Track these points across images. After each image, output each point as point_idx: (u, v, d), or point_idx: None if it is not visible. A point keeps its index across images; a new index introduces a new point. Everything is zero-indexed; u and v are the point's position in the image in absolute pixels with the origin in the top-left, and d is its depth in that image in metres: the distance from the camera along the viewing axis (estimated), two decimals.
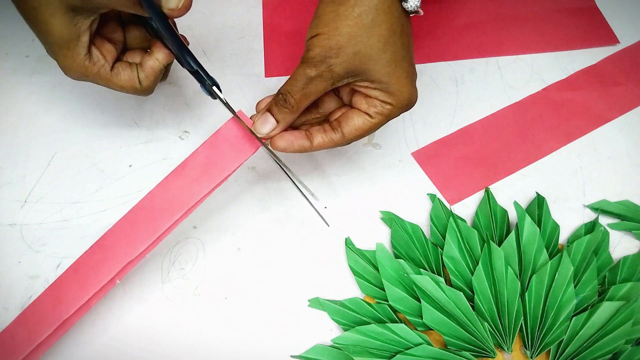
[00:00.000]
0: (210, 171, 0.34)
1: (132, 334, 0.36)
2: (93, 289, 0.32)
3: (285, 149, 0.34)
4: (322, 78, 0.31)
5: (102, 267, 0.32)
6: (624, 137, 0.45)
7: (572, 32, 0.51)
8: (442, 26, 0.51)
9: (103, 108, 0.45)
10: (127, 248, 0.33)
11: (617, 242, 0.40)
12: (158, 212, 0.33)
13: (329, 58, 0.30)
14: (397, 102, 0.33)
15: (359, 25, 0.30)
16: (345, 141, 0.34)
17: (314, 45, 0.31)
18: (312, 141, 0.34)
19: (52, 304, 0.32)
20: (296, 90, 0.32)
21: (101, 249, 0.33)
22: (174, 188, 0.34)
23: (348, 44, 0.30)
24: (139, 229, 0.33)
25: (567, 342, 0.35)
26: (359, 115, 0.33)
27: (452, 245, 0.38)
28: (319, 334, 0.36)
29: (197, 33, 0.49)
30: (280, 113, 0.33)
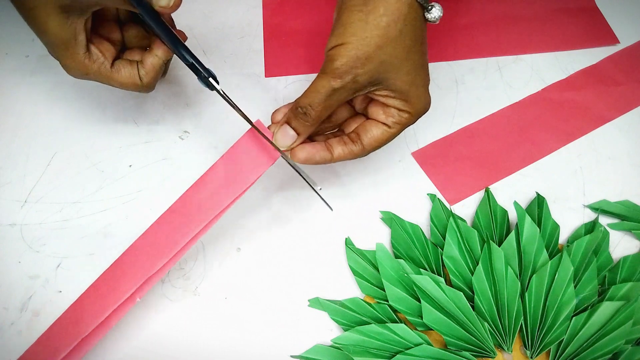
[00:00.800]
0: (229, 184, 0.33)
1: (132, 334, 0.36)
2: (112, 306, 0.32)
3: (306, 161, 0.33)
4: (346, 89, 0.31)
5: (121, 285, 0.32)
6: (624, 137, 0.45)
7: (572, 32, 0.51)
8: (442, 26, 0.51)
9: (103, 108, 0.45)
10: (146, 264, 0.32)
11: (617, 242, 0.40)
12: (177, 227, 0.33)
13: (355, 69, 0.30)
14: (415, 110, 0.33)
15: (387, 35, 0.30)
16: (365, 152, 0.34)
17: (339, 55, 0.30)
18: (333, 153, 0.34)
19: (73, 323, 0.32)
20: (318, 102, 0.31)
21: (121, 267, 0.33)
22: (194, 202, 0.34)
23: (375, 54, 0.30)
24: (158, 245, 0.33)
25: (567, 342, 0.35)
26: (377, 127, 0.33)
27: (452, 245, 0.38)
28: (319, 334, 0.36)
29: (197, 33, 0.49)
30: (300, 126, 0.32)
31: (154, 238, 0.33)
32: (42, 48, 0.48)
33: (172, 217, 0.34)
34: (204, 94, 0.46)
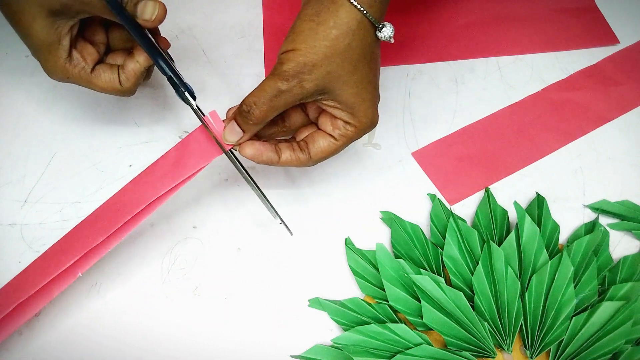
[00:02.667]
0: (177, 170, 0.35)
1: (132, 334, 0.36)
2: (51, 275, 0.33)
3: (253, 158, 0.34)
4: (291, 93, 0.31)
5: (63, 256, 0.33)
6: (624, 137, 0.45)
7: (572, 32, 0.51)
8: (442, 26, 0.51)
9: (103, 108, 0.45)
10: (88, 239, 0.33)
11: (617, 242, 0.40)
12: (124, 207, 0.34)
13: (302, 74, 0.31)
14: (360, 125, 0.34)
15: (335, 47, 0.31)
16: (311, 162, 0.35)
17: (288, 59, 0.31)
18: (280, 156, 0.34)
19: (14, 288, 0.33)
20: (263, 102, 0.32)
21: (67, 241, 0.34)
22: (143, 183, 0.35)
23: (322, 63, 0.31)
24: (102, 222, 0.34)
25: (567, 342, 0.35)
26: (324, 138, 0.34)
27: (452, 245, 0.38)
28: (319, 334, 0.36)
29: (197, 33, 0.49)
30: (244, 124, 0.33)
31: (100, 215, 0.35)
32: None
33: (121, 197, 0.35)
34: (204, 94, 0.46)
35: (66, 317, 0.36)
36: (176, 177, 0.35)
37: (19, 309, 0.33)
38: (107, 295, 0.37)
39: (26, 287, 0.33)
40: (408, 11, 0.51)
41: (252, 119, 0.32)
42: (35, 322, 0.36)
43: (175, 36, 0.49)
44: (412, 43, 0.49)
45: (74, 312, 0.36)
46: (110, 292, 0.37)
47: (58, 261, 0.33)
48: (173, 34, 0.49)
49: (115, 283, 0.38)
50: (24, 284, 0.33)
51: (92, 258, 0.34)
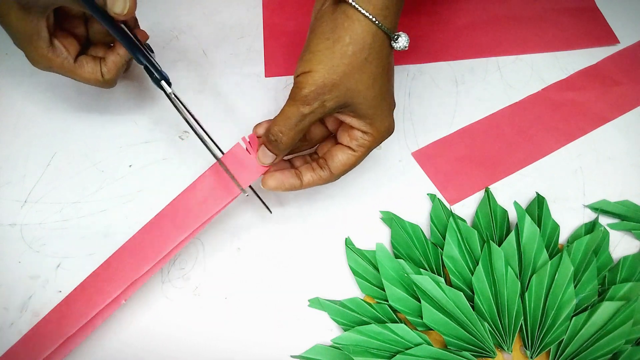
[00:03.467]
0: (218, 192, 0.35)
1: (132, 334, 0.36)
2: (97, 307, 0.33)
3: (277, 188, 0.35)
4: (314, 114, 0.32)
5: (107, 287, 0.33)
6: (624, 137, 0.45)
7: (572, 32, 0.50)
8: (442, 26, 0.51)
9: (103, 108, 0.45)
10: (132, 268, 0.34)
11: (617, 242, 0.40)
12: (165, 233, 0.34)
13: (322, 95, 0.31)
14: (378, 133, 0.34)
15: (353, 64, 0.31)
16: (333, 177, 0.35)
17: (307, 83, 0.31)
18: (302, 180, 0.35)
19: (58, 321, 0.33)
20: (289, 128, 0.32)
21: (107, 270, 0.34)
22: (182, 209, 0.35)
23: (342, 81, 0.31)
24: (144, 248, 0.34)
25: (567, 342, 0.35)
26: (342, 151, 0.34)
27: (452, 245, 0.38)
28: (319, 334, 0.36)
29: (197, 33, 0.49)
30: (275, 149, 0.34)
31: (142, 241, 0.34)
32: None
33: (161, 221, 0.35)
34: (204, 95, 0.46)
35: None
36: (217, 203, 0.35)
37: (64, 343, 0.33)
38: None
39: (72, 318, 0.33)
40: (408, 12, 0.51)
41: (280, 146, 0.33)
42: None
43: (175, 36, 0.49)
44: (412, 43, 0.49)
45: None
46: None
47: (102, 291, 0.33)
48: (173, 34, 0.49)
49: None
50: (68, 315, 0.33)
51: (135, 286, 0.34)
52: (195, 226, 0.34)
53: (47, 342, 0.32)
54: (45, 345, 0.32)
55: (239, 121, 0.44)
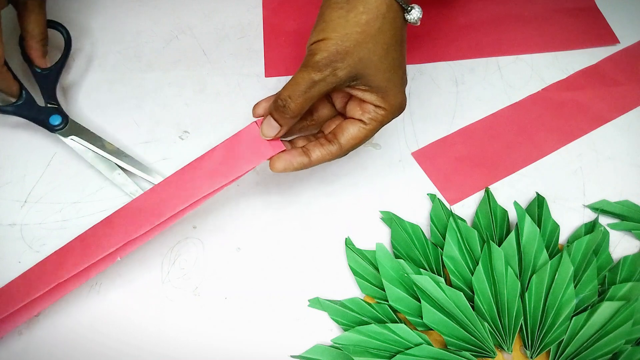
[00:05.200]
0: (223, 169, 0.35)
1: (132, 334, 0.36)
2: (92, 258, 0.33)
3: (285, 169, 0.34)
4: (325, 82, 0.31)
5: (104, 241, 0.34)
6: (624, 137, 0.45)
7: (572, 32, 0.51)
8: (442, 26, 0.51)
9: (103, 108, 0.45)
10: (131, 227, 0.34)
11: (617, 242, 0.40)
12: (167, 199, 0.35)
13: (335, 62, 0.31)
14: (390, 107, 0.33)
15: (366, 32, 0.31)
16: (343, 151, 0.34)
17: (320, 49, 0.31)
18: (311, 156, 0.34)
19: (54, 266, 0.34)
20: (298, 94, 0.32)
21: (107, 225, 0.35)
22: (186, 179, 0.35)
23: (354, 49, 0.31)
24: (145, 212, 0.34)
25: (567, 342, 0.35)
26: (353, 124, 0.34)
27: (452, 245, 0.38)
28: (319, 334, 0.36)
29: (197, 33, 0.49)
30: (281, 118, 0.33)
31: (143, 203, 0.35)
32: None
33: (165, 187, 0.35)
34: (204, 94, 0.46)
35: (66, 317, 0.36)
36: (222, 178, 0.35)
37: (30, 304, 0.33)
38: (107, 295, 0.37)
39: (67, 264, 0.34)
40: None
41: (288, 112, 0.32)
42: (35, 322, 0.36)
43: (175, 36, 0.49)
44: (412, 43, 0.49)
45: (74, 312, 0.36)
46: (110, 292, 0.37)
47: (99, 244, 0.34)
48: (173, 34, 0.49)
49: (116, 283, 0.38)
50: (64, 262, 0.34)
51: (131, 246, 0.34)
52: (196, 198, 0.34)
53: (42, 282, 0.33)
54: (40, 284, 0.33)
55: (239, 121, 0.44)
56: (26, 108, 0.40)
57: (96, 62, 0.47)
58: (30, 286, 0.33)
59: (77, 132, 0.40)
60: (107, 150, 0.40)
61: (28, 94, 0.41)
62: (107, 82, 0.46)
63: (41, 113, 0.40)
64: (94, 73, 0.47)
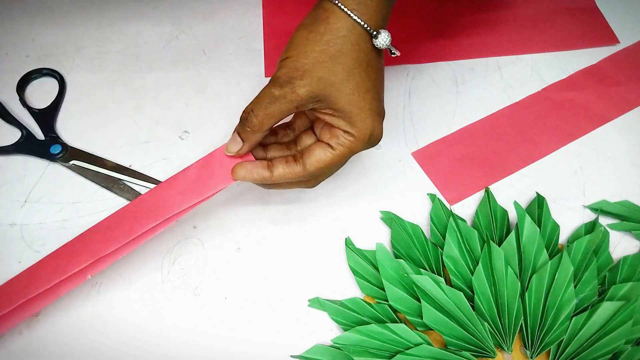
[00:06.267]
0: (197, 187, 0.35)
1: (132, 334, 0.36)
2: (62, 275, 0.33)
3: (244, 178, 0.34)
4: (286, 99, 0.31)
5: (74, 258, 0.34)
6: (624, 137, 0.45)
7: (572, 32, 0.51)
8: (442, 26, 0.51)
9: (103, 108, 0.45)
10: (102, 245, 0.34)
11: (617, 242, 0.40)
12: (139, 217, 0.35)
13: (294, 79, 0.31)
14: (359, 134, 0.32)
15: (325, 52, 0.31)
16: (306, 173, 0.34)
17: (281, 66, 0.32)
18: (273, 172, 0.34)
19: (24, 283, 0.34)
20: (260, 108, 0.32)
21: (80, 242, 0.35)
22: (160, 197, 0.35)
23: (313, 68, 0.31)
24: (117, 229, 0.34)
25: (567, 342, 0.35)
26: (320, 147, 0.33)
27: (452, 245, 0.38)
28: (319, 334, 0.36)
29: (197, 33, 0.49)
30: (243, 132, 0.33)
31: (115, 222, 0.35)
32: (42, 48, 0.48)
33: (137, 206, 0.35)
34: (204, 94, 0.46)
35: (66, 317, 0.36)
36: (195, 196, 0.35)
37: (24, 305, 0.33)
38: (107, 295, 0.37)
39: (35, 284, 0.33)
40: (408, 11, 0.51)
41: (249, 126, 0.33)
42: (35, 322, 0.36)
43: (175, 36, 0.49)
44: (412, 43, 0.49)
45: (74, 312, 0.36)
46: (110, 292, 0.37)
47: (68, 262, 0.34)
48: (173, 34, 0.49)
49: (116, 283, 0.38)
50: (34, 279, 0.34)
51: (102, 264, 0.34)
52: (167, 216, 0.34)
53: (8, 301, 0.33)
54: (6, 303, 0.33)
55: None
56: (26, 145, 0.42)
57: (96, 62, 0.47)
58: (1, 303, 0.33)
59: (77, 157, 0.42)
60: (107, 167, 0.41)
61: (28, 132, 0.43)
62: (107, 82, 0.46)
63: (41, 146, 0.42)
64: (94, 73, 0.47)
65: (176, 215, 0.34)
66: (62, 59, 0.47)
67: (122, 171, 0.41)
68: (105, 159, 0.42)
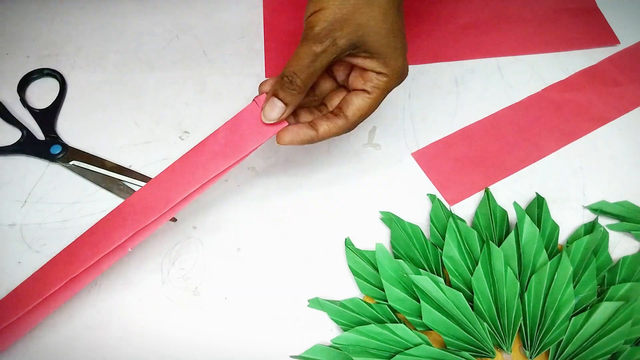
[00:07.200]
0: (227, 150, 0.35)
1: (132, 334, 0.36)
2: (103, 251, 0.33)
3: (292, 142, 0.34)
4: (327, 52, 0.31)
5: (114, 233, 0.34)
6: (624, 137, 0.45)
7: (572, 32, 0.51)
8: (442, 26, 0.51)
9: (103, 108, 0.45)
10: (140, 216, 0.34)
11: (616, 242, 0.40)
12: (174, 185, 0.35)
13: (334, 31, 0.31)
14: (392, 73, 0.33)
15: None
16: (350, 124, 0.34)
17: (318, 20, 0.31)
18: (318, 130, 0.34)
19: (65, 262, 0.34)
20: (302, 69, 0.32)
21: (117, 216, 0.35)
22: (191, 164, 0.35)
23: (352, 16, 0.31)
24: (153, 200, 0.34)
25: (566, 342, 0.35)
26: (357, 95, 0.34)
27: (451, 245, 0.38)
28: (319, 334, 0.36)
29: (197, 33, 0.49)
30: (288, 95, 0.33)
31: (150, 192, 0.35)
32: (42, 48, 0.48)
33: (170, 175, 0.35)
34: (204, 94, 0.46)
35: (66, 317, 0.36)
36: (227, 160, 0.34)
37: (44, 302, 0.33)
38: (107, 295, 0.37)
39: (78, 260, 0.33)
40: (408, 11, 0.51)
41: (295, 88, 0.32)
42: None
43: (176, 36, 0.49)
44: (412, 43, 0.49)
45: (74, 311, 0.36)
46: (110, 292, 0.37)
47: (109, 237, 0.34)
48: (173, 34, 0.49)
49: (116, 283, 0.38)
50: (75, 257, 0.34)
51: (143, 234, 0.34)
52: (202, 182, 0.34)
53: (53, 280, 0.33)
54: (51, 283, 0.33)
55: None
56: (27, 145, 0.42)
57: (96, 62, 0.47)
58: (42, 285, 0.33)
59: (77, 157, 0.42)
60: (107, 167, 0.41)
61: (29, 132, 0.43)
62: (107, 82, 0.46)
63: (42, 146, 0.42)
64: (94, 73, 0.47)
65: (209, 182, 0.34)
66: (62, 59, 0.47)
67: (122, 171, 0.41)
68: (105, 160, 0.42)
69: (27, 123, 0.44)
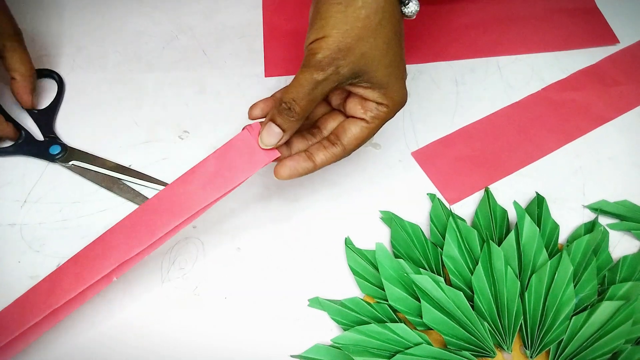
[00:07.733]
0: (218, 180, 0.34)
1: (132, 334, 0.36)
2: (87, 282, 0.32)
3: (290, 176, 0.34)
4: (329, 81, 0.31)
5: (98, 263, 0.33)
6: (624, 137, 0.45)
7: (572, 32, 0.51)
8: (442, 26, 0.51)
9: (103, 108, 0.45)
10: (126, 246, 0.33)
11: (616, 241, 0.40)
12: (161, 215, 0.34)
13: (337, 60, 0.30)
14: (392, 103, 0.33)
15: (367, 27, 0.30)
16: (346, 153, 0.34)
17: (321, 47, 0.30)
18: (315, 161, 0.34)
19: (47, 292, 0.33)
20: (302, 96, 0.31)
21: (101, 245, 0.33)
22: (179, 193, 0.34)
23: (356, 45, 0.30)
24: (139, 230, 0.33)
25: (566, 341, 0.35)
26: (355, 124, 0.33)
27: (451, 245, 0.38)
28: (319, 333, 0.36)
29: (197, 33, 0.49)
30: (286, 122, 0.32)
31: (136, 222, 0.34)
32: (42, 48, 0.48)
33: (157, 204, 0.34)
34: (204, 94, 0.46)
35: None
36: (216, 191, 0.33)
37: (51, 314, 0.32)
38: (107, 295, 0.37)
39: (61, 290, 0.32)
40: None
41: (294, 115, 0.32)
42: None
43: (175, 36, 0.49)
44: (412, 43, 0.49)
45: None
46: (110, 292, 0.37)
47: (92, 268, 0.33)
48: (173, 34, 0.49)
49: (115, 283, 0.37)
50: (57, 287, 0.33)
51: (127, 266, 0.33)
52: (190, 214, 0.33)
53: (34, 311, 0.32)
54: (32, 313, 0.32)
55: (239, 121, 0.44)
56: (26, 146, 0.42)
57: (96, 62, 0.47)
58: (23, 316, 0.32)
59: (77, 157, 0.42)
60: (107, 167, 0.41)
61: (27, 133, 0.43)
62: (107, 82, 0.46)
63: (41, 146, 0.42)
64: (93, 73, 0.47)
65: (201, 211, 0.33)
66: (61, 59, 0.47)
67: (121, 171, 0.41)
68: (105, 159, 0.42)
69: (26, 124, 0.44)
